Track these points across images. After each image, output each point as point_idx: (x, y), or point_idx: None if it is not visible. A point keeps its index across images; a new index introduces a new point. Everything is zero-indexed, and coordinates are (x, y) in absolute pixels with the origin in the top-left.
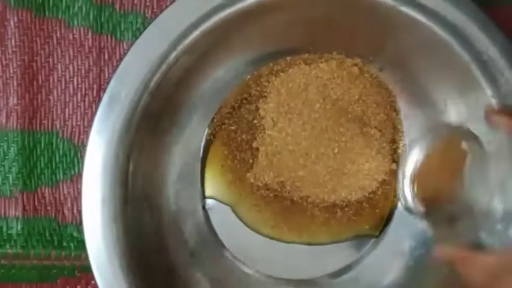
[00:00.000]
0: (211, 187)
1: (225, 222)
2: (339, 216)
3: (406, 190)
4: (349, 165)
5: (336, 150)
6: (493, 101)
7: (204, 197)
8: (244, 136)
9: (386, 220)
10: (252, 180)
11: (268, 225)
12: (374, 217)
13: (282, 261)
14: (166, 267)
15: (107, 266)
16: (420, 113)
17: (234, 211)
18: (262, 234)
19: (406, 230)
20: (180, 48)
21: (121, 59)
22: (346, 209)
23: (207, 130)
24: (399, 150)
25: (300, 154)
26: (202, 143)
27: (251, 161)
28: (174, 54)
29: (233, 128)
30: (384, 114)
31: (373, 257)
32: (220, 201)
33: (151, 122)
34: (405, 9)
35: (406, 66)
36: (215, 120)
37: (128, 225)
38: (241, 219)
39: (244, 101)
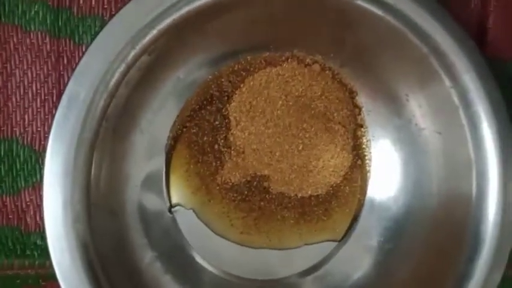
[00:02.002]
0: (176, 193)
1: (193, 225)
2: (308, 217)
3: None
4: (314, 162)
5: (301, 147)
6: (452, 91)
7: (170, 202)
8: (206, 138)
9: (354, 217)
10: (218, 183)
11: (237, 231)
12: (343, 215)
13: (251, 262)
14: (133, 271)
15: (71, 271)
16: (383, 108)
17: (200, 218)
18: (231, 241)
19: (375, 226)
20: (138, 47)
21: (79, 59)
22: (315, 208)
23: (169, 133)
24: (363, 146)
25: (264, 153)
26: (165, 147)
27: (215, 163)
28: (132, 53)
29: (194, 130)
30: (347, 110)
31: (342, 254)
32: (186, 208)
33: (111, 125)
34: (362, 3)
35: (366, 62)
36: (176, 124)
37: (91, 229)
38: (208, 226)
39: (205, 102)
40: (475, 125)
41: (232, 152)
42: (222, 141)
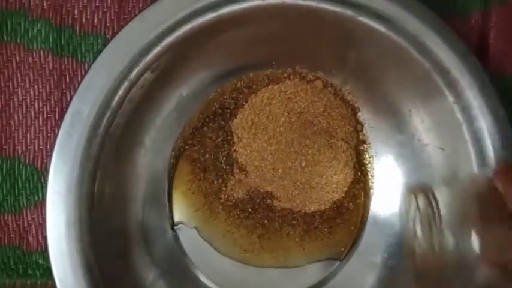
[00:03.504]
0: (179, 211)
1: (196, 243)
2: (313, 234)
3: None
4: (317, 178)
5: (304, 164)
6: (455, 107)
7: (172, 220)
8: (208, 156)
9: (357, 234)
10: (221, 201)
11: (241, 250)
12: (347, 232)
13: (254, 280)
14: None
15: None
16: (385, 124)
17: (203, 237)
18: (234, 259)
19: (378, 242)
20: (141, 64)
21: (82, 77)
22: (320, 226)
23: (171, 151)
24: (366, 162)
25: (267, 169)
26: (168, 165)
27: (217, 181)
28: (135, 71)
29: (196, 148)
30: (350, 126)
31: (345, 271)
32: (189, 227)
33: (115, 142)
34: (364, 19)
35: (368, 78)
36: (179, 141)
37: (94, 247)
38: (211, 245)
39: (207, 120)
40: (479, 141)
41: (235, 169)
42: (224, 158)
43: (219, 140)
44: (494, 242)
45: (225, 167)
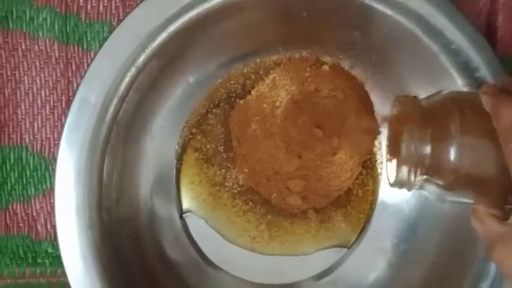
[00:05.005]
0: (187, 199)
1: (204, 230)
2: (324, 224)
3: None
4: (326, 166)
5: (311, 149)
6: (464, 90)
7: (181, 208)
8: (209, 146)
9: (367, 220)
10: (227, 189)
11: (250, 237)
12: (357, 219)
13: (264, 267)
14: (145, 277)
15: (85, 278)
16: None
17: (212, 225)
18: (243, 247)
19: (388, 228)
20: (148, 51)
21: (89, 64)
22: (333, 213)
23: (178, 139)
24: (374, 149)
25: (272, 156)
26: (175, 152)
27: (219, 171)
28: (142, 57)
29: (199, 137)
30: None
31: (356, 256)
32: (197, 216)
33: (122, 130)
34: (372, 2)
35: (376, 62)
36: (185, 129)
37: (104, 234)
38: (219, 233)
39: (211, 106)
40: None
41: (239, 156)
42: (223, 147)
43: (223, 129)
44: (471, 155)
45: (225, 156)
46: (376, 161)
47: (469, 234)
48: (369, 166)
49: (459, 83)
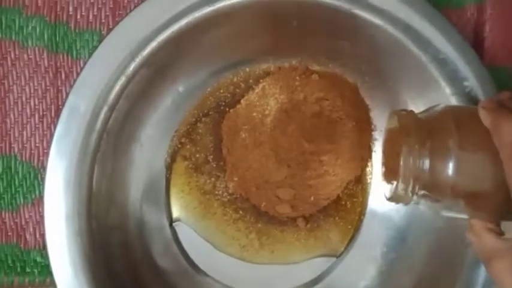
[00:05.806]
0: (177, 208)
1: (194, 239)
2: (313, 233)
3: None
4: (314, 174)
5: (301, 158)
6: (453, 99)
7: (170, 216)
8: (198, 155)
9: (356, 229)
10: (217, 198)
11: (240, 246)
12: (346, 230)
13: (254, 275)
14: (135, 285)
15: (74, 286)
16: (382, 117)
17: (201, 234)
18: (232, 256)
19: (377, 236)
20: (137, 60)
21: (78, 73)
22: (322, 223)
23: (168, 148)
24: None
25: (261, 164)
26: (165, 161)
27: (209, 180)
28: (132, 66)
29: (189, 146)
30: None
31: (345, 265)
32: (187, 225)
33: (112, 138)
34: (360, 12)
35: (365, 71)
36: (174, 138)
37: (93, 242)
38: (209, 241)
39: (201, 115)
40: None
41: (228, 165)
42: (212, 156)
43: (211, 138)
44: (469, 170)
45: (215, 165)
46: (365, 172)
47: (458, 242)
48: (358, 177)
49: (447, 92)
